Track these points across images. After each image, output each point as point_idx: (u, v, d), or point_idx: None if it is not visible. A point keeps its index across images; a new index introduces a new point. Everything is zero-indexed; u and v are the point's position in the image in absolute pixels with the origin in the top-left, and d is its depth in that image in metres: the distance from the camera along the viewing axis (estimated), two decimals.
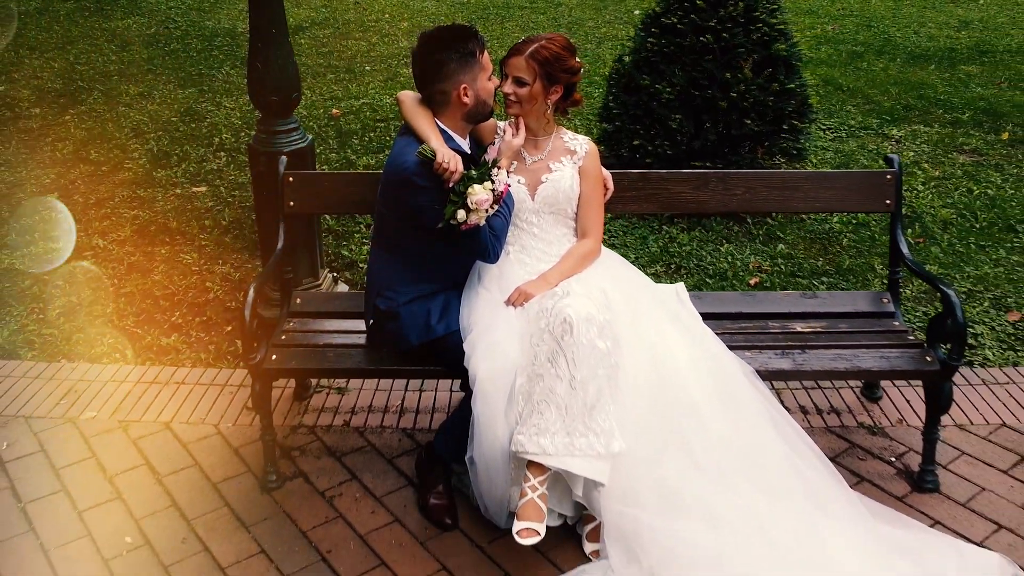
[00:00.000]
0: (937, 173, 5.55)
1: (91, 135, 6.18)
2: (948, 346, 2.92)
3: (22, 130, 6.30)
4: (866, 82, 7.15)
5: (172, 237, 4.82)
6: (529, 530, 2.53)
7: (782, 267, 4.53)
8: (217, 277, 4.45)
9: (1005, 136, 6.09)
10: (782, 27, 4.82)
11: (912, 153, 5.83)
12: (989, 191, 5.30)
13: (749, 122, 4.74)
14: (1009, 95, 6.85)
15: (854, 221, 4.93)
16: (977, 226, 4.93)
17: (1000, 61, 7.71)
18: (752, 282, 4.37)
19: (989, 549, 2.77)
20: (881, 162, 5.60)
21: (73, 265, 4.53)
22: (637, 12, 9.25)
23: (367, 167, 5.60)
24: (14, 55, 7.99)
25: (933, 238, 4.80)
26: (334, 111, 6.57)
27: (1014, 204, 5.14)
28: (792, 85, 4.82)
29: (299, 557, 2.79)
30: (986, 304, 4.22)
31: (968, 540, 2.84)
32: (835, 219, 4.95)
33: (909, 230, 4.85)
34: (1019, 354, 3.87)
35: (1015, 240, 4.78)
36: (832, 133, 6.20)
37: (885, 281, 3.73)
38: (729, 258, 4.58)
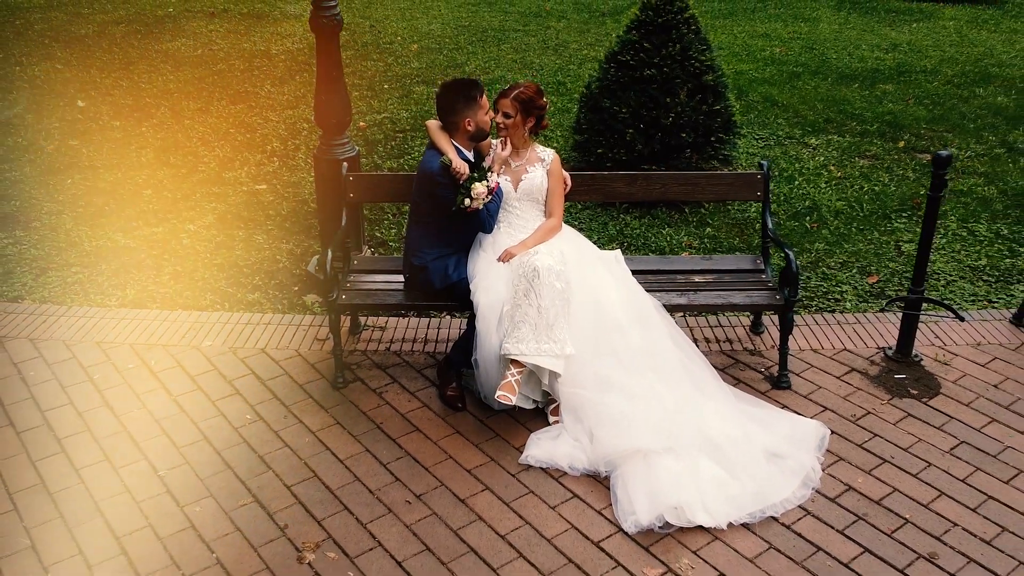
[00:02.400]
0: (839, 174, 7.05)
1: (166, 143, 7.66)
2: (788, 289, 4.42)
3: (109, 140, 7.78)
4: (799, 99, 8.64)
5: (245, 223, 6.31)
6: (504, 395, 4.03)
7: (708, 244, 6.02)
8: (283, 252, 5.94)
9: (901, 144, 7.59)
10: (710, 63, 6.30)
11: (822, 158, 7.33)
12: (876, 188, 6.80)
13: (684, 135, 6.24)
14: (913, 110, 8.35)
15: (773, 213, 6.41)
16: (861, 215, 6.43)
17: (913, 80, 9.21)
18: (684, 255, 5.86)
19: (814, 420, 4.27)
20: (795, 164, 7.10)
21: (174, 244, 6.02)
22: (616, 36, 10.71)
23: (391, 169, 7.09)
24: (87, 75, 9.47)
25: (826, 224, 6.30)
26: (361, 124, 8.04)
27: (894, 199, 6.64)
28: (718, 107, 6.31)
29: (362, 426, 4.28)
30: (854, 271, 5.73)
31: (802, 415, 4.33)
32: (752, 208, 6.43)
33: (808, 218, 6.35)
34: (869, 304, 5.36)
35: (887, 225, 6.28)
36: (763, 142, 7.69)
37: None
38: (668, 238, 6.08)
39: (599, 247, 4.76)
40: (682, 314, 5.11)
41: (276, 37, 11.00)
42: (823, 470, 3.99)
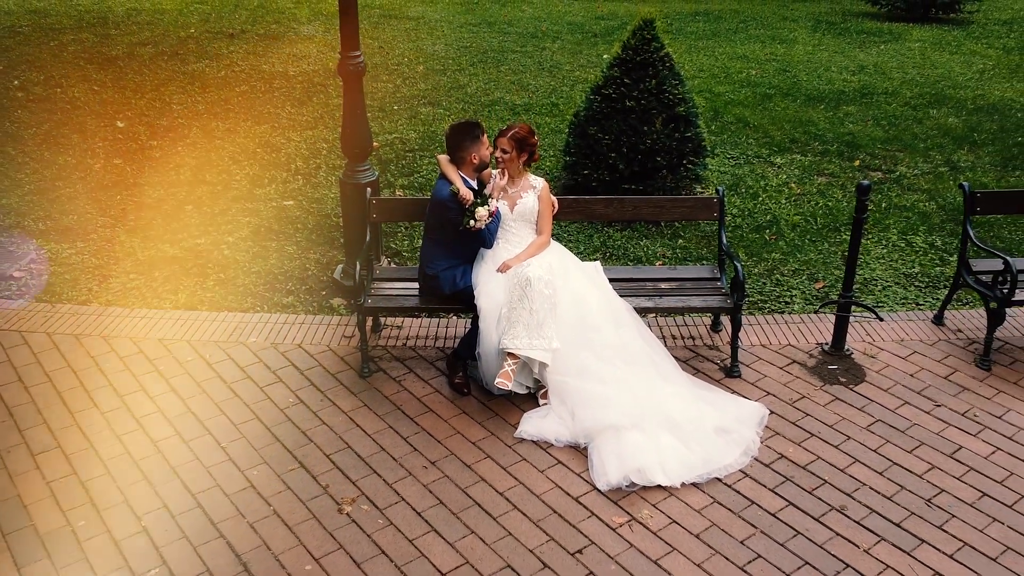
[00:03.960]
0: (799, 191, 7.97)
1: (200, 162, 8.58)
2: (737, 294, 5.34)
3: (149, 159, 8.70)
4: (769, 120, 9.57)
5: (276, 236, 7.23)
6: (502, 382, 4.95)
7: (679, 254, 6.94)
8: (311, 261, 6.86)
9: (857, 163, 8.51)
10: (682, 96, 7.21)
11: (785, 176, 8.26)
12: (830, 203, 7.72)
13: (660, 159, 7.16)
14: (870, 131, 9.27)
15: (737, 226, 7.34)
16: (815, 227, 7.35)
17: (874, 102, 10.13)
18: (657, 264, 6.78)
19: (757, 402, 5.18)
20: (760, 181, 8.02)
21: (215, 254, 6.93)
22: (605, 56, 11.62)
23: (403, 186, 8.01)
24: (122, 96, 10.38)
25: (783, 236, 7.22)
26: (374, 143, 8.95)
27: (844, 213, 7.56)
28: (689, 134, 7.23)
29: (385, 407, 5.20)
30: (803, 277, 6.65)
31: (747, 398, 5.24)
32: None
33: (767, 230, 7.27)
34: (814, 307, 6.28)
35: (837, 237, 7.20)
36: (733, 161, 8.61)
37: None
38: (645, 249, 7.00)
39: (584, 257, 5.69)
40: (653, 315, 6.03)
41: (292, 59, 11.91)
42: (761, 442, 4.91)
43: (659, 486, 4.58)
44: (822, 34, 13.27)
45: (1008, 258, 5.43)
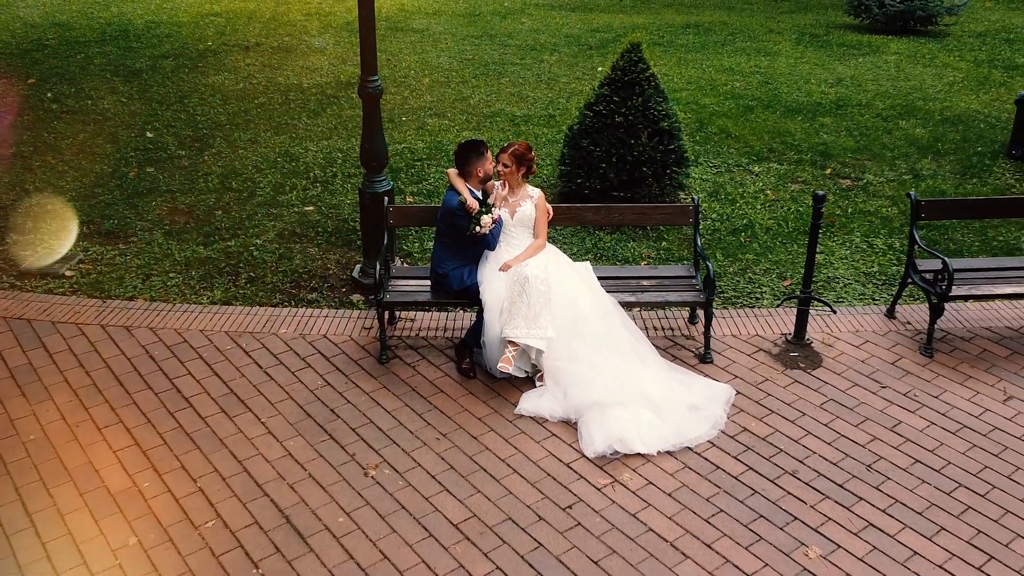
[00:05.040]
0: (773, 197, 8.75)
1: (226, 170, 9.35)
2: (708, 291, 6.11)
3: (177, 166, 9.47)
4: (750, 131, 10.34)
5: (299, 238, 8.00)
6: (504, 367, 5.73)
7: (663, 255, 7.71)
8: (331, 262, 7.63)
9: (828, 171, 9.28)
10: (665, 112, 7.98)
11: (762, 183, 9.03)
12: (801, 208, 8.49)
13: (645, 169, 7.93)
14: (843, 141, 10.04)
15: (715, 229, 8.11)
16: (786, 231, 8.12)
17: (848, 113, 10.91)
18: (642, 264, 7.54)
19: (725, 384, 5.95)
20: (739, 188, 8.80)
21: (245, 255, 7.70)
22: (600, 69, 12.38)
23: (413, 193, 8.77)
24: (148, 107, 11.15)
25: (757, 238, 7.99)
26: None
27: (792, 218, 8.32)
28: (672, 146, 8.00)
29: (402, 389, 5.96)
30: (774, 275, 7.43)
31: (717, 380, 6.01)
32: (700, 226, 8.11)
33: (743, 233, 8.04)
34: (781, 302, 7.05)
35: (805, 240, 7.94)
36: (715, 169, 9.38)
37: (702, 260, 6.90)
38: (632, 250, 7.77)
39: (576, 258, 6.46)
40: (637, 309, 6.79)
41: (306, 72, 12.68)
42: (728, 418, 5.69)
43: (638, 454, 5.35)
44: (805, 47, 14.03)
45: (946, 259, 6.21)
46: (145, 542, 4.74)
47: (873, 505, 5.02)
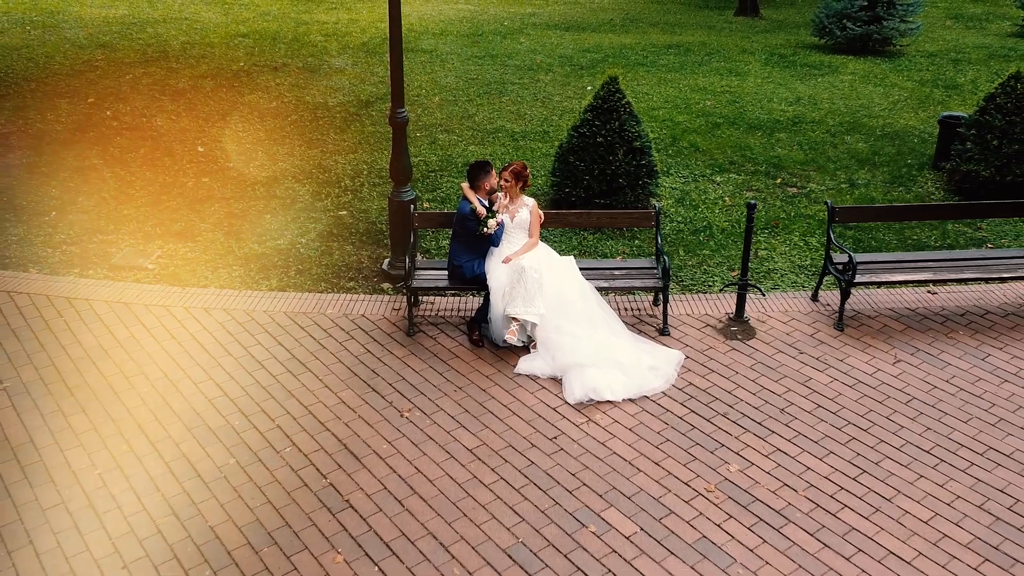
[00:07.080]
0: (730, 203, 10.45)
1: (271, 180, 11.04)
2: (664, 279, 7.81)
3: (229, 177, 11.16)
4: (715, 145, 12.04)
5: (336, 238, 9.70)
6: (508, 337, 7.46)
7: (636, 251, 9.42)
8: (364, 257, 9.33)
9: (778, 181, 10.99)
10: (638, 134, 9.69)
11: (721, 191, 10.74)
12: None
13: (622, 180, 9.64)
14: (794, 154, 11.75)
15: (680, 230, 9.81)
16: (739, 231, 9.83)
17: (802, 129, 12.61)
18: (618, 258, 9.24)
19: (677, 351, 7.66)
20: (702, 195, 10.51)
21: (292, 252, 9.40)
22: (589, 88, 14.08)
23: (429, 200, 10.47)
24: (196, 124, 12.85)
25: (713, 237, 9.70)
26: None
27: (762, 220, 10.02)
28: (643, 162, 9.71)
29: (426, 355, 7.67)
30: (724, 268, 9.13)
31: (672, 348, 7.71)
32: (667, 227, 9.82)
33: (702, 233, 9.75)
34: (727, 289, 8.75)
35: (752, 238, 9.66)
36: (684, 179, 11.09)
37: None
38: (609, 247, 9.47)
39: (563, 253, 8.17)
40: (611, 294, 8.49)
41: (330, 91, 14.39)
42: (678, 376, 7.39)
43: (608, 401, 7.06)
44: (772, 67, 15.74)
45: (851, 253, 7.92)
46: (241, 462, 6.45)
47: (781, 436, 6.73)
